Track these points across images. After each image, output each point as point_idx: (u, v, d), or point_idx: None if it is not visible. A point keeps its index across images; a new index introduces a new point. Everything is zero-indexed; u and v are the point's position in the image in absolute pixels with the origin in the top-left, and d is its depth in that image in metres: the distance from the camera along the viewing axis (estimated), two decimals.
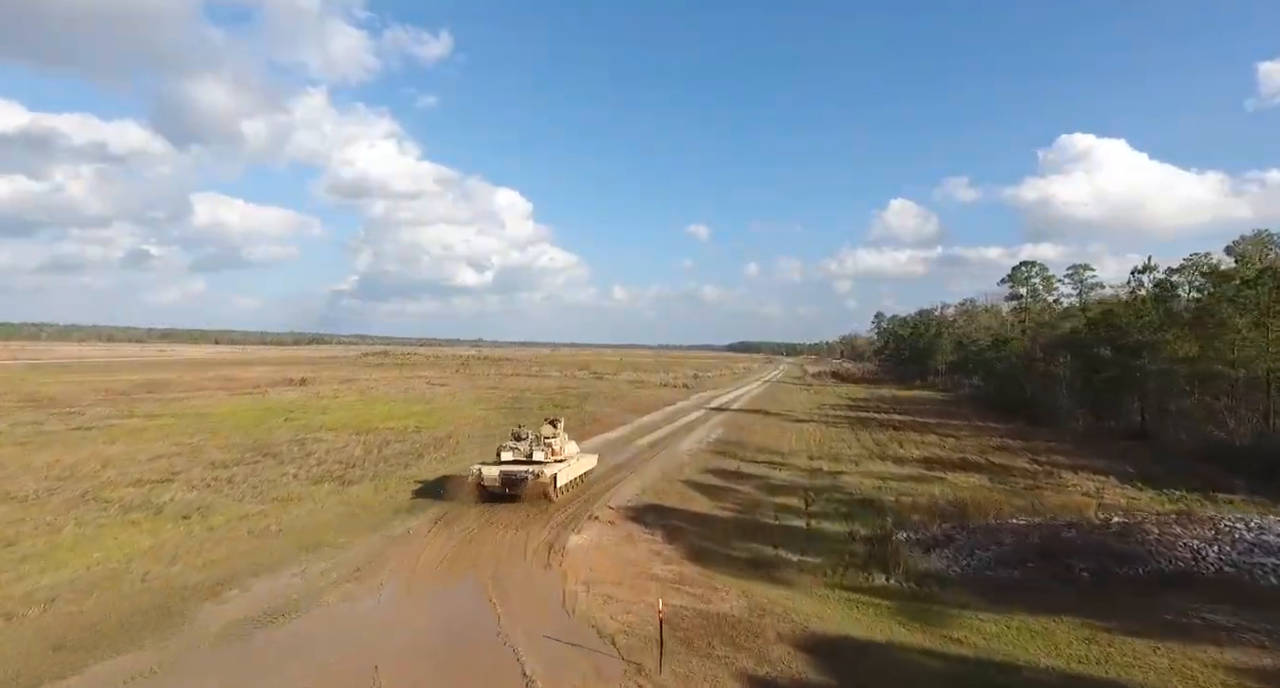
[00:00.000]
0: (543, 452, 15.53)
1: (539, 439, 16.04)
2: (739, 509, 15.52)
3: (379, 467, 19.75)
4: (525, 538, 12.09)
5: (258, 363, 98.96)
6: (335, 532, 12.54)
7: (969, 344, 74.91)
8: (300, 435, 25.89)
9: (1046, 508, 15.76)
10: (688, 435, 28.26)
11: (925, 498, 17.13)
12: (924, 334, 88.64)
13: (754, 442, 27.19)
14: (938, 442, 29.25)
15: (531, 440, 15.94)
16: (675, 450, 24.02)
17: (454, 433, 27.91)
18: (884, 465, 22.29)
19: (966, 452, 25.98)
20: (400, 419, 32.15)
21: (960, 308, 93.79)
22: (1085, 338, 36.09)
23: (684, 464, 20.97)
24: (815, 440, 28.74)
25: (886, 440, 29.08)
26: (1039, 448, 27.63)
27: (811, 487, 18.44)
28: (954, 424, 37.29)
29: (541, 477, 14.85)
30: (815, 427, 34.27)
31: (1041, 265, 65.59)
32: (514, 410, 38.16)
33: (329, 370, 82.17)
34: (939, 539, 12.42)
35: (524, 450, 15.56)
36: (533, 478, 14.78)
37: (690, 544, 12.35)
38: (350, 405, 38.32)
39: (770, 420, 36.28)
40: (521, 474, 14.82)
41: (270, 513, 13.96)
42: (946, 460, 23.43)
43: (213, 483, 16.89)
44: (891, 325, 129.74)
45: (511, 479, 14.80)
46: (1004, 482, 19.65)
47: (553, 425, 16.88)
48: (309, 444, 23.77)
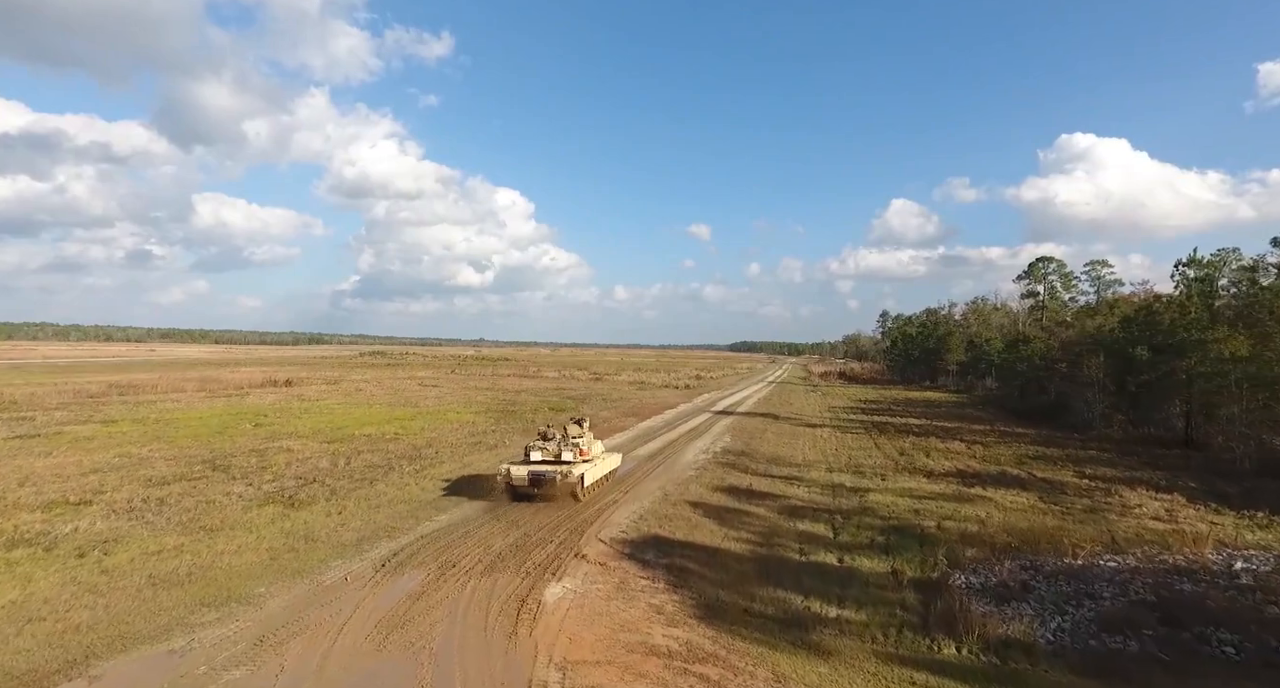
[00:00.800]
0: (571, 452, 15.62)
1: (566, 439, 16.14)
2: (755, 540, 12.99)
3: (341, 483, 17.26)
4: (491, 589, 9.60)
5: (249, 363, 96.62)
6: (257, 577, 10.05)
7: (981, 344, 72.33)
8: (264, 444, 23.43)
9: (1127, 539, 13.21)
10: (691, 444, 25.75)
11: (973, 524, 14.60)
12: (933, 334, 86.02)
13: (765, 451, 24.66)
14: (965, 450, 26.70)
15: (559, 440, 16.03)
16: (678, 463, 21.50)
17: (435, 440, 25.42)
18: (914, 480, 19.74)
19: (1002, 463, 23.42)
20: (380, 425, 29.69)
21: (971, 306, 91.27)
22: (1119, 337, 33.49)
23: (688, 480, 18.44)
24: (831, 449, 26.19)
25: (909, 449, 26.53)
26: (1079, 457, 25.07)
27: (836, 509, 15.91)
28: (976, 429, 34.73)
29: (569, 477, 15.01)
30: (829, 433, 31.72)
31: (1059, 261, 63.12)
32: (505, 414, 35.71)
33: (320, 371, 79.80)
34: (1012, 588, 9.89)
35: (552, 450, 15.66)
36: (560, 478, 14.95)
37: (699, 594, 9.85)
38: (330, 409, 35.86)
39: (780, 426, 33.75)
40: (549, 474, 14.99)
41: (188, 549, 11.47)
42: (983, 474, 20.87)
43: (139, 506, 14.40)
44: (898, 324, 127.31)
45: (539, 479, 15.03)
46: (1057, 501, 17.09)
47: (579, 425, 16.94)
48: (270, 455, 21.30)
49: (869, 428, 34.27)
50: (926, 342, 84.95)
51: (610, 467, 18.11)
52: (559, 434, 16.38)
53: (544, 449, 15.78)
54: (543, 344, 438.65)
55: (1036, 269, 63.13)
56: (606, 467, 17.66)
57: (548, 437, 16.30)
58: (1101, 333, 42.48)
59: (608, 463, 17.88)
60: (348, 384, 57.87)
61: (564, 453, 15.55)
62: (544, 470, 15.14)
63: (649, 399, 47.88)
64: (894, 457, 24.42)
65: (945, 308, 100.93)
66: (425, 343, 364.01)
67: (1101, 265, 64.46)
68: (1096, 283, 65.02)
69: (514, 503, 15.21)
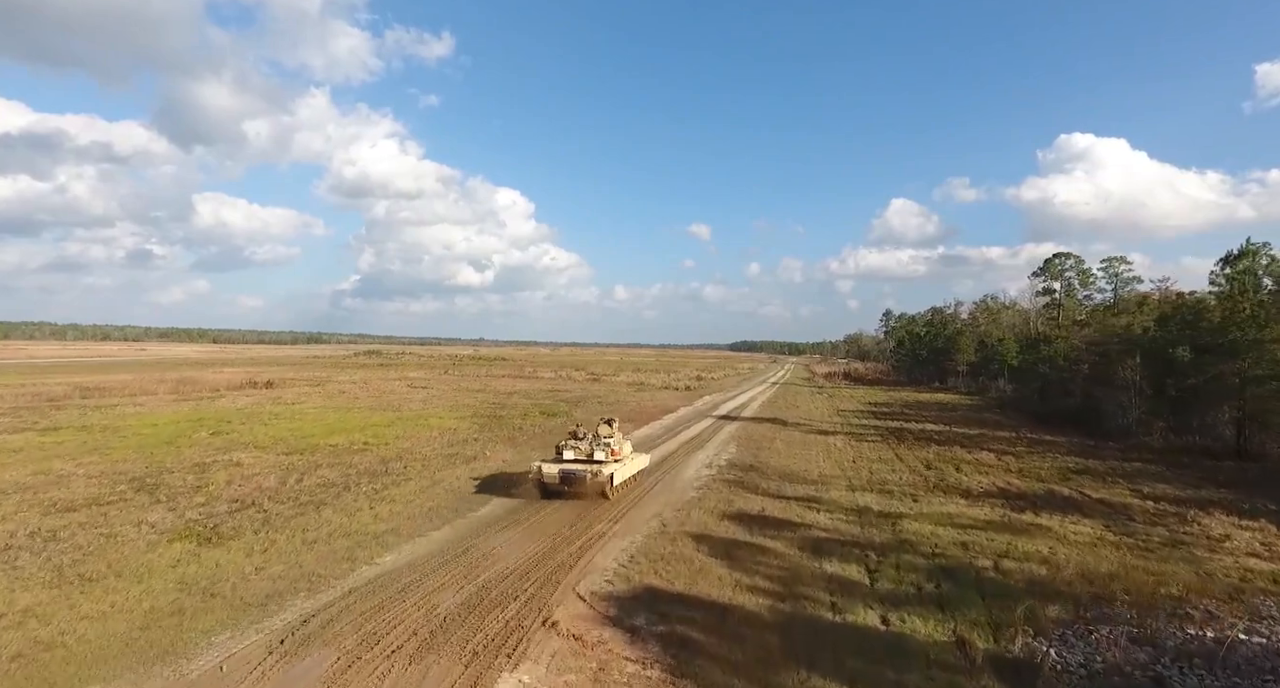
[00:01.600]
0: (603, 451, 15.91)
1: (598, 439, 16.43)
2: (775, 590, 10.35)
3: (281, 508, 14.63)
4: (420, 680, 6.97)
5: (239, 363, 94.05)
6: (104, 663, 7.41)
7: (993, 344, 69.68)
8: (213, 457, 20.80)
9: (1235, 587, 10.56)
10: (693, 456, 23.10)
11: (1038, 563, 11.96)
12: (941, 333, 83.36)
13: (775, 464, 22.00)
14: (997, 463, 24.06)
15: (591, 440, 16.34)
16: (678, 480, 18.84)
17: (407, 452, 22.78)
18: (950, 502, 17.09)
19: (1044, 478, 20.78)
20: (352, 432, 27.05)
21: (979, 305, 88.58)
22: (1155, 336, 30.82)
23: (690, 504, 15.79)
24: (849, 461, 23.54)
25: (935, 461, 23.87)
26: (1127, 472, 22.41)
27: (868, 542, 13.26)
28: (1002, 437, 32.07)
29: (599, 476, 15.29)
30: (843, 441, 29.06)
31: (1077, 257, 60.43)
32: (491, 419, 33.09)
33: (309, 371, 77.21)
34: (1137, 681, 7.23)
35: (584, 450, 16.00)
36: (591, 477, 15.24)
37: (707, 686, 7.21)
38: (304, 414, 33.23)
39: (789, 433, 31.09)
40: (580, 473, 15.32)
41: (41, 611, 8.83)
42: (1028, 494, 18.21)
43: (17, 543, 11.76)
44: (901, 323, 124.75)
45: (571, 477, 15.37)
46: (1128, 531, 14.44)
47: (609, 425, 17.23)
48: (213, 471, 18.67)
49: (885, 435, 31.61)
50: (935, 342, 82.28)
51: (639, 466, 18.35)
52: (590, 434, 16.72)
53: (576, 448, 16.12)
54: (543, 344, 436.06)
55: (1053, 266, 60.39)
56: (635, 467, 17.95)
57: (579, 436, 16.64)
58: (1130, 331, 39.86)
59: (636, 463, 18.13)
60: (333, 386, 55.26)
61: (596, 452, 15.85)
62: (575, 469, 15.45)
63: (647, 402, 45.24)
64: (920, 471, 21.77)
65: (951, 307, 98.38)
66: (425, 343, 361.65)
67: (1119, 262, 61.75)
68: (1114, 281, 62.44)
69: (479, 537, 12.59)
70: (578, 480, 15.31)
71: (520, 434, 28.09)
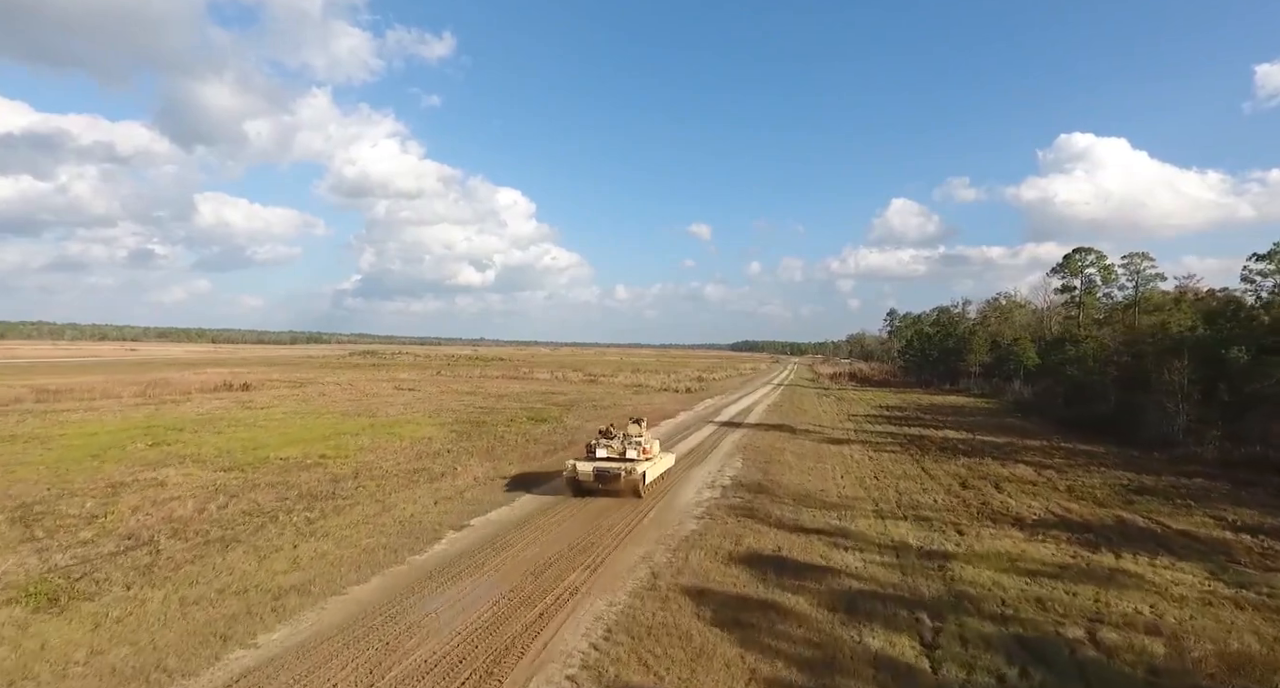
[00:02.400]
0: (635, 449, 16.17)
1: (628, 438, 16.63)
2: (804, 685, 7.42)
3: (180, 549, 11.73)
4: None
5: (227, 363, 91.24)
6: None
7: (1008, 344, 66.72)
8: (134, 475, 17.91)
9: None
10: (693, 473, 20.14)
11: (1146, 634, 9.04)
12: (952, 333, 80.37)
13: (788, 483, 19.06)
14: (1038, 478, 21.12)
15: (623, 438, 16.56)
16: (675, 506, 15.87)
17: (366, 467, 19.89)
18: (1003, 534, 14.14)
19: (1103, 501, 17.81)
20: (312, 442, 24.17)
21: (990, 304, 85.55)
22: (1202, 336, 27.83)
23: (688, 542, 12.84)
24: (871, 477, 20.61)
25: (969, 476, 20.93)
26: (1194, 491, 19.43)
27: (915, 596, 10.34)
28: (1033, 446, 29.12)
29: (633, 474, 15.56)
30: (860, 452, 26.11)
31: (1099, 252, 57.40)
32: (473, 426, 30.21)
33: (297, 372, 74.42)
34: None
35: (617, 448, 16.23)
36: (625, 475, 15.52)
37: None
38: (268, 421, 30.36)
39: (799, 442, 28.13)
40: (614, 471, 15.56)
41: None
42: (1095, 524, 15.24)
43: None
44: (905, 322, 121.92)
45: (604, 475, 15.62)
46: (1240, 579, 11.48)
47: (637, 424, 17.50)
48: (125, 493, 15.78)
49: (905, 445, 28.64)
50: (946, 342, 79.27)
51: (666, 465, 18.53)
52: (620, 433, 16.91)
53: (609, 447, 16.32)
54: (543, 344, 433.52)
55: (1073, 262, 57.38)
56: (664, 465, 18.18)
57: (610, 435, 16.84)
58: (1165, 330, 36.91)
59: (664, 462, 18.39)
60: (315, 388, 52.45)
61: (628, 451, 16.09)
62: (609, 467, 15.66)
63: (645, 406, 42.30)
64: (955, 490, 18.81)
65: (959, 306, 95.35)
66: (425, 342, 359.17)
67: (1141, 258, 58.70)
68: (1135, 277, 59.52)
69: (413, 596, 9.65)
70: (612, 478, 15.56)
71: (501, 444, 25.19)
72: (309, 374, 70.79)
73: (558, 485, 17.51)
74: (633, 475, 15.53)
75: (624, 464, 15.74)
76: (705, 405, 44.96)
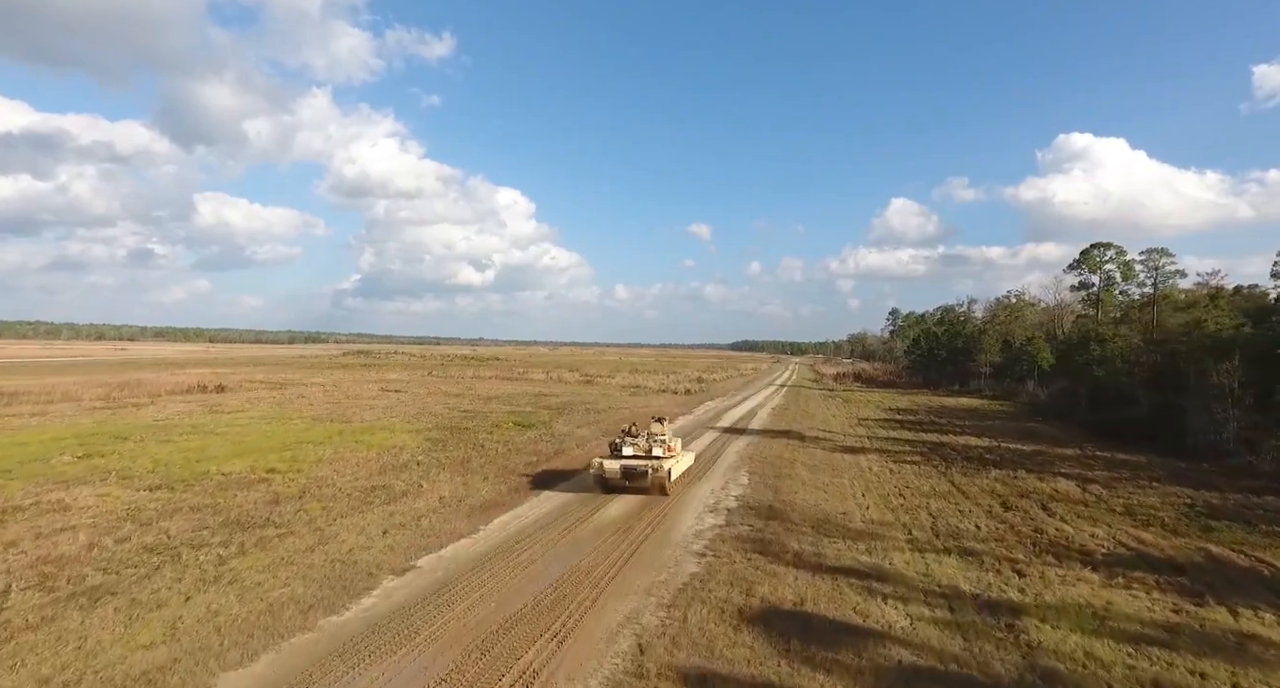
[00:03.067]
0: (660, 447, 16.45)
1: (652, 436, 16.94)
2: None
3: (29, 605, 9.11)
4: None
5: (215, 363, 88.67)
6: None
7: (1021, 344, 64.17)
8: (38, 496, 15.31)
9: None
10: (693, 492, 17.50)
11: None
12: (960, 333, 77.77)
13: (803, 504, 16.45)
14: (1083, 495, 18.53)
15: (648, 437, 16.86)
16: (671, 538, 13.23)
17: (318, 484, 17.29)
18: (1072, 575, 11.52)
19: (1174, 526, 15.19)
20: (266, 453, 21.58)
21: (999, 302, 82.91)
22: (1255, 336, 25.22)
23: (686, 593, 10.20)
24: (895, 494, 18.02)
25: (1008, 494, 18.33)
26: (1275, 513, 16.83)
27: (991, 683, 7.72)
28: (1065, 455, 26.53)
29: (659, 471, 15.82)
30: (879, 462, 23.52)
31: (1119, 248, 54.79)
32: (452, 433, 27.65)
33: (284, 373, 71.82)
34: None
35: (643, 446, 16.44)
36: (652, 472, 15.78)
37: None
38: (227, 427, 27.77)
39: (810, 452, 25.53)
40: (641, 468, 15.85)
41: None
42: (1177, 559, 12.61)
43: None
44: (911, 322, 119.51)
45: (632, 473, 15.92)
46: None
47: (660, 423, 17.79)
48: (12, 522, 13.17)
49: (926, 454, 26.04)
50: (954, 341, 76.66)
51: (687, 464, 18.73)
52: (644, 431, 17.20)
53: (635, 444, 16.51)
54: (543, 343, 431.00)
55: (1091, 257, 54.81)
56: (685, 463, 18.39)
57: (634, 434, 17.02)
58: (1200, 328, 34.31)
59: (685, 460, 18.52)
60: (295, 389, 49.86)
61: (654, 449, 16.35)
62: (636, 465, 15.89)
63: (642, 410, 39.71)
64: (997, 512, 16.21)
65: (964, 305, 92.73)
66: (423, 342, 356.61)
67: (1160, 254, 56.24)
68: (1154, 274, 56.97)
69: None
70: (639, 476, 15.85)
71: (479, 455, 22.59)
72: (295, 375, 68.19)
73: (534, 509, 14.93)
74: (659, 473, 15.85)
75: (651, 462, 16.03)
76: (706, 409, 42.36)
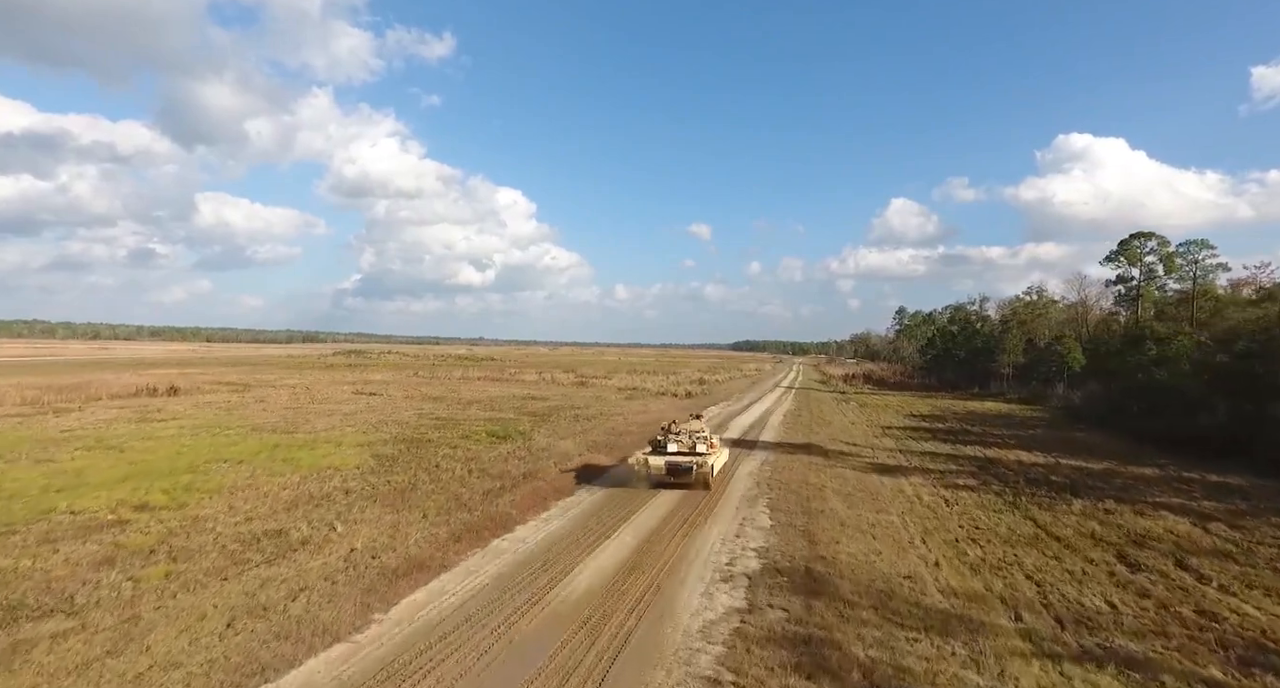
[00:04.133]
0: (703, 444, 16.98)
1: (694, 434, 17.25)
2: None
3: None
4: None
5: (189, 364, 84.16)
6: None
7: (1048, 343, 59.59)
8: None
9: None
10: (694, 539, 12.90)
11: None
12: (979, 332, 73.13)
13: (848, 559, 11.89)
14: (1213, 543, 13.99)
15: (690, 434, 17.19)
16: (665, 643, 8.57)
17: (188, 530, 12.71)
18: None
19: None
20: (159, 477, 17.04)
21: (1020, 299, 78.23)
22: None
23: None
24: (967, 539, 13.47)
25: (1120, 542, 13.77)
26: None
27: None
28: (1146, 476, 21.98)
29: (704, 467, 16.26)
30: (927, 488, 18.94)
31: (1161, 238, 50.14)
32: (412, 447, 23.16)
33: (258, 373, 67.29)
34: None
35: (686, 443, 16.91)
36: (697, 468, 16.23)
37: None
38: (146, 439, 23.27)
39: (838, 472, 20.95)
40: (686, 464, 16.31)
41: None
42: None
43: None
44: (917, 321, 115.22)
45: (677, 468, 16.34)
46: None
47: (697, 419, 18.40)
48: None
49: (978, 474, 21.46)
50: (973, 340, 72.01)
51: (724, 460, 18.84)
52: (684, 428, 17.45)
53: (678, 441, 16.95)
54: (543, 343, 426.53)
55: (1131, 249, 50.17)
56: (723, 459, 18.57)
57: (675, 431, 17.35)
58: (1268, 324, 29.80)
59: (723, 456, 18.72)
60: (260, 392, 45.39)
61: (699, 445, 16.86)
62: (681, 461, 16.37)
63: (637, 416, 35.16)
64: (1123, 575, 11.62)
65: (975, 302, 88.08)
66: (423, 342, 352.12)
67: (1201, 246, 51.74)
68: (1193, 268, 52.41)
69: None
70: (684, 472, 16.27)
71: (429, 479, 18.05)
72: (271, 376, 63.69)
73: (469, 575, 10.40)
74: (704, 468, 16.20)
75: (695, 458, 16.40)
76: (709, 416, 37.74)
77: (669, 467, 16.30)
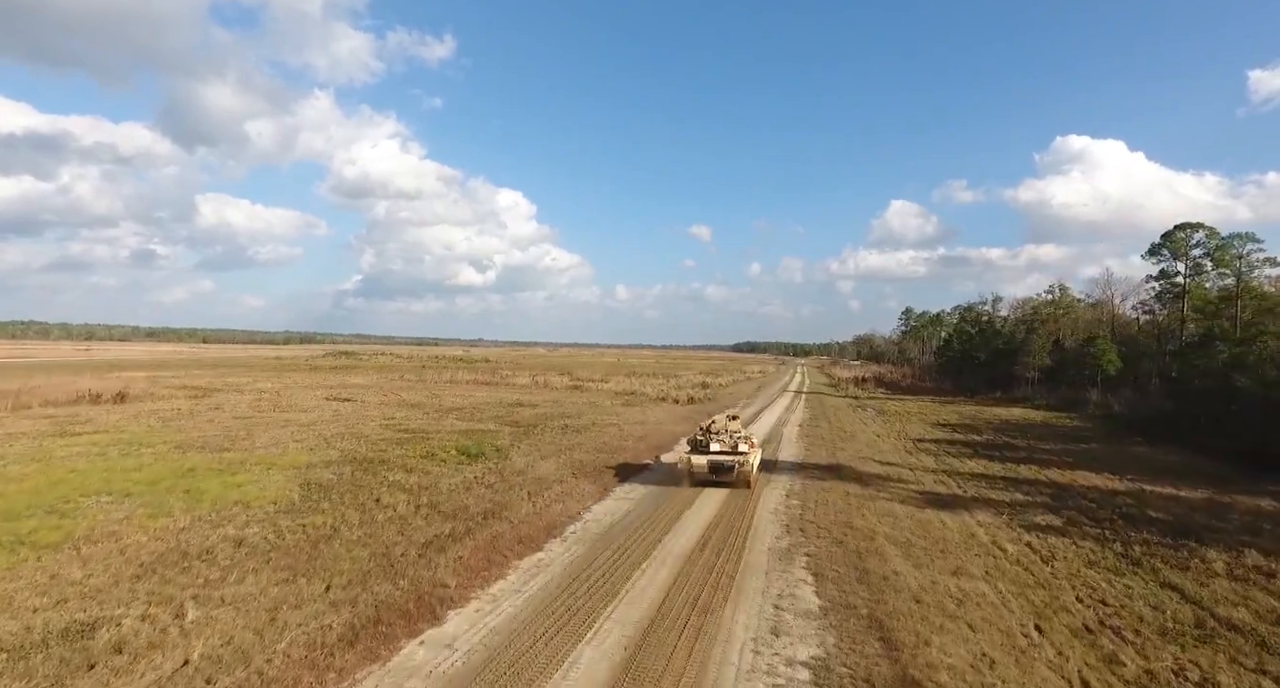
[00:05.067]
0: (745, 443, 17.23)
1: (727, 432, 17.50)
2: None
3: None
4: None
5: (166, 366, 79.87)
6: None
7: (1080, 345, 55.27)
8: None
9: None
10: (703, 643, 8.61)
11: None
12: (1001, 331, 68.80)
13: (949, 682, 7.56)
14: None
15: (731, 434, 17.40)
16: None
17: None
18: None
19: None
20: (10, 519, 12.82)
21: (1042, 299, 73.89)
22: None
23: None
24: (1100, 628, 9.33)
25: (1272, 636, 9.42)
26: None
27: None
28: (1260, 510, 17.71)
29: (745, 465, 16.76)
30: (1005, 533, 14.67)
31: (1211, 229, 45.83)
32: (361, 469, 18.88)
33: (230, 377, 62.92)
34: None
35: (728, 442, 17.15)
36: (739, 466, 16.71)
37: None
38: (38, 462, 19.00)
39: (885, 506, 16.65)
40: (729, 463, 16.76)
41: None
42: None
43: None
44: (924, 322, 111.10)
45: (719, 467, 16.79)
46: None
47: (734, 420, 18.55)
48: None
49: (1058, 510, 17.15)
50: (994, 342, 67.70)
51: (759, 458, 18.75)
52: (723, 427, 17.61)
53: (720, 440, 17.16)
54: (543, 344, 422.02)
55: (1177, 240, 45.88)
56: (759, 457, 18.59)
57: (714, 431, 17.55)
58: None
59: (759, 454, 18.80)
60: (219, 397, 41.22)
61: (740, 445, 17.08)
62: (723, 460, 16.75)
63: (634, 427, 30.86)
64: None
65: (988, 302, 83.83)
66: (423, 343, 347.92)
67: (1246, 240, 47.54)
68: (1238, 263, 48.22)
69: None
70: (726, 470, 16.64)
71: (360, 520, 13.76)
72: (243, 379, 59.41)
73: None
74: (745, 467, 16.69)
75: (737, 457, 16.78)
76: None
77: (712, 465, 16.73)
